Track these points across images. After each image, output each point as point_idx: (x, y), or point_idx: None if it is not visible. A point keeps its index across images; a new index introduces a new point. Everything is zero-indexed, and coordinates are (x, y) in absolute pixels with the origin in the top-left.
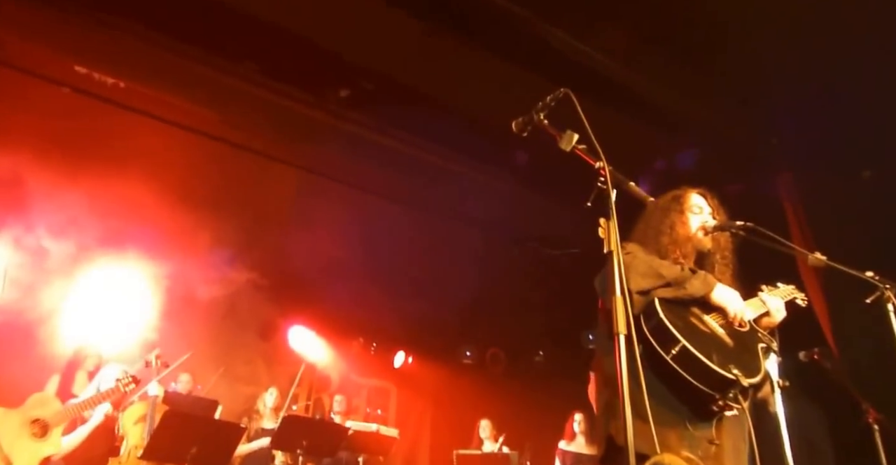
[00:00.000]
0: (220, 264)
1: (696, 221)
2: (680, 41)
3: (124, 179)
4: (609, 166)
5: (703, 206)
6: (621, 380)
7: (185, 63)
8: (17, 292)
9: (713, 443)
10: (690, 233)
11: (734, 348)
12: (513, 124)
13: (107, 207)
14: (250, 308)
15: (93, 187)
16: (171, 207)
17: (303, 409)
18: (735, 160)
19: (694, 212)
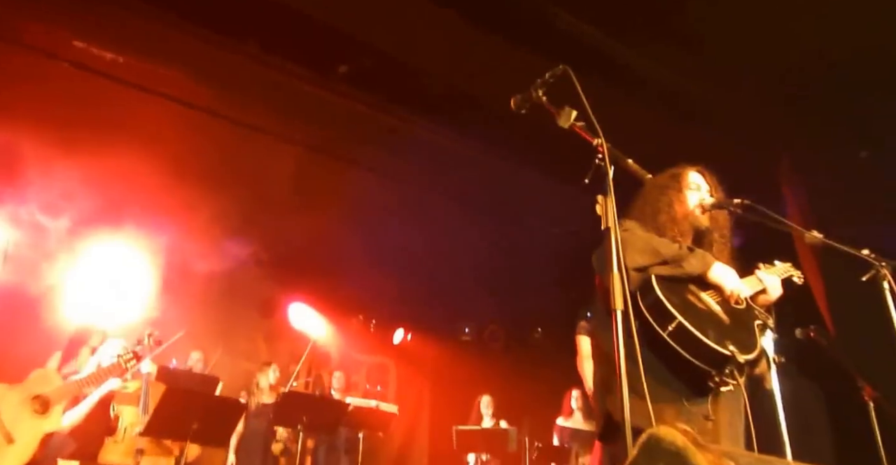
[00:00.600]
0: (219, 241)
1: (693, 198)
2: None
3: (124, 154)
4: (607, 143)
5: (701, 183)
6: (618, 356)
7: (184, 38)
8: (17, 268)
9: (709, 419)
10: (688, 211)
11: (730, 325)
12: (511, 101)
13: (106, 183)
14: (250, 285)
15: (91, 163)
16: (170, 183)
17: (303, 386)
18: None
19: (692, 189)
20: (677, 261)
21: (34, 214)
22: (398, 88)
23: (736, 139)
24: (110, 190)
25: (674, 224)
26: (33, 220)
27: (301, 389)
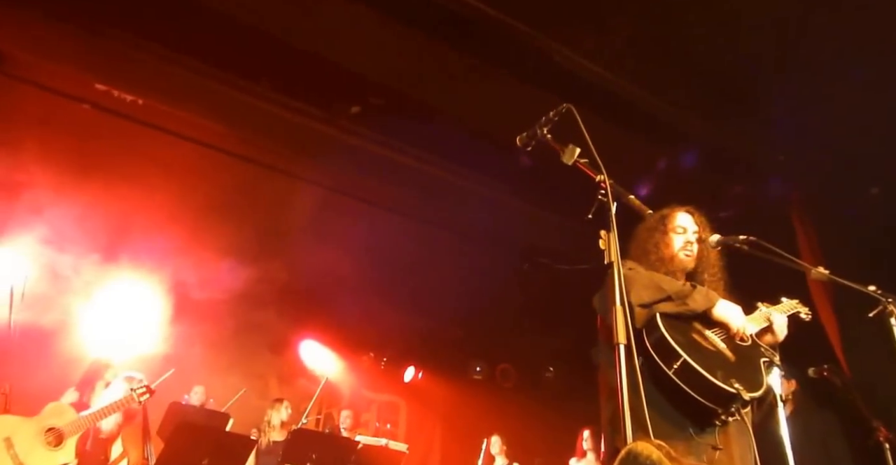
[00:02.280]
0: (231, 278)
1: (678, 241)
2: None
3: (140, 193)
4: (609, 180)
5: (689, 225)
6: (621, 389)
7: (201, 80)
8: (33, 303)
9: (717, 448)
10: (673, 253)
11: (736, 362)
12: (517, 139)
13: (122, 221)
14: (262, 322)
15: (109, 201)
16: (185, 220)
17: (313, 423)
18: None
19: (677, 232)
20: (681, 297)
21: (52, 251)
22: (408, 127)
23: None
24: (126, 228)
25: (662, 264)
26: (51, 257)
27: (311, 426)
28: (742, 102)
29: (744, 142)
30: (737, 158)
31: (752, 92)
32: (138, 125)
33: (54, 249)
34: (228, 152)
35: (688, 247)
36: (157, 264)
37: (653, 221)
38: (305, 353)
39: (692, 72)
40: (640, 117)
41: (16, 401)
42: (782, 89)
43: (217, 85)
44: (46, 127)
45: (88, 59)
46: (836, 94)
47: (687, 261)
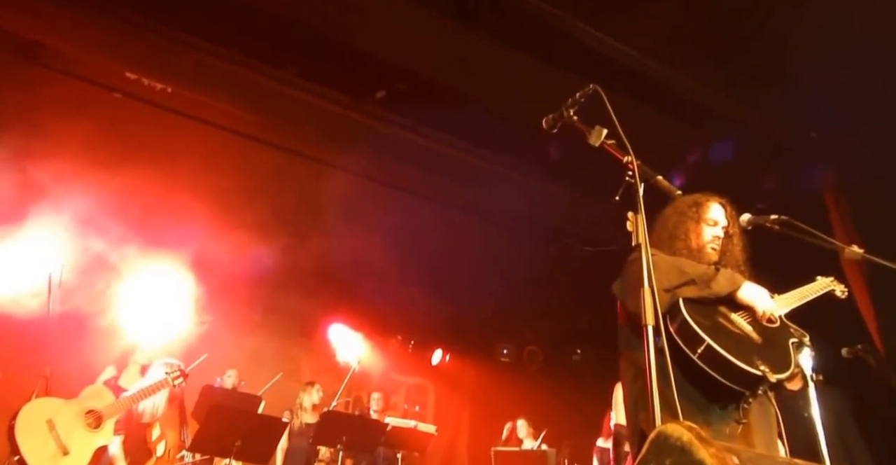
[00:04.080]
0: (261, 264)
1: (708, 234)
2: (714, 35)
3: (171, 179)
4: (637, 161)
5: (720, 219)
6: (649, 370)
7: (227, 68)
8: (70, 290)
9: (741, 423)
10: (702, 244)
11: (762, 344)
12: (543, 122)
13: (155, 208)
14: (291, 307)
15: (142, 189)
16: (215, 206)
17: (343, 406)
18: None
19: (709, 224)
20: (705, 281)
21: (87, 238)
22: (434, 112)
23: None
24: (158, 214)
25: (689, 253)
26: (86, 243)
27: (341, 409)
28: (774, 81)
29: (776, 121)
30: (769, 137)
31: (784, 71)
32: (168, 113)
33: (89, 235)
34: (256, 139)
35: (716, 241)
36: (188, 249)
37: (684, 206)
38: (335, 336)
39: (723, 51)
40: (668, 97)
41: (55, 384)
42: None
43: (244, 72)
44: (80, 115)
45: (119, 48)
46: (871, 72)
47: (712, 255)
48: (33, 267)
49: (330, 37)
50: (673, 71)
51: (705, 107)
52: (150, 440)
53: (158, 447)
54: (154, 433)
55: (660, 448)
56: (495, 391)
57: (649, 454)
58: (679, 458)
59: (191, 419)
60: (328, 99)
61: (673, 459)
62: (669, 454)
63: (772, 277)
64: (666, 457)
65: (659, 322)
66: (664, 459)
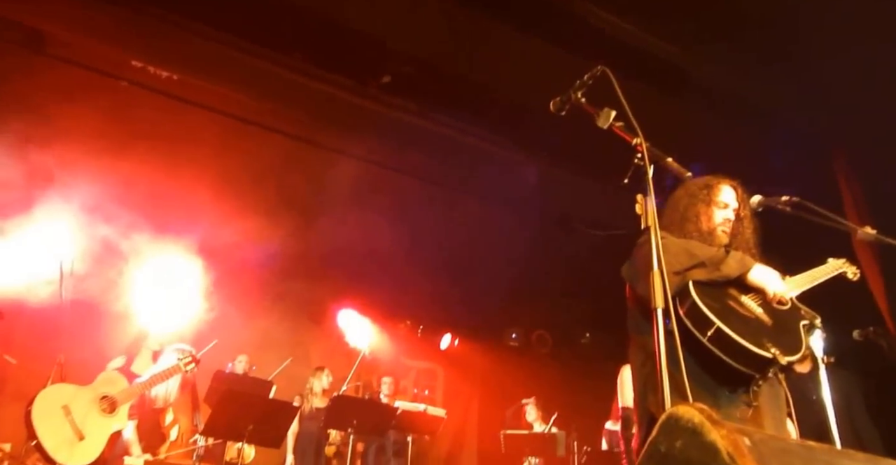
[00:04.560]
0: (270, 250)
1: (719, 216)
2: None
3: (178, 167)
4: (646, 143)
5: (731, 201)
6: (659, 353)
7: (233, 54)
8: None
9: (750, 406)
10: (713, 227)
11: (773, 327)
12: (551, 104)
13: (163, 195)
14: (300, 292)
15: (149, 176)
16: (222, 193)
17: (353, 390)
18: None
19: (720, 206)
20: (715, 263)
21: (95, 226)
22: (439, 95)
23: (788, 135)
24: (165, 201)
25: (699, 235)
26: (94, 231)
27: (351, 393)
28: (784, 59)
29: (788, 102)
30: (779, 116)
31: (794, 48)
32: (174, 100)
33: (99, 223)
34: (262, 125)
35: (727, 224)
36: (197, 236)
37: (694, 189)
38: (344, 322)
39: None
40: (676, 77)
41: (70, 371)
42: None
43: (249, 58)
44: (87, 104)
45: (124, 36)
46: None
47: (723, 237)
48: (45, 255)
49: (334, 21)
50: (681, 52)
51: (714, 88)
52: (164, 424)
53: (172, 431)
54: (167, 418)
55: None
56: (504, 375)
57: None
58: (690, 439)
59: (203, 404)
60: (333, 84)
61: (684, 440)
62: (680, 436)
63: (783, 259)
64: (677, 439)
65: (668, 305)
66: (675, 440)
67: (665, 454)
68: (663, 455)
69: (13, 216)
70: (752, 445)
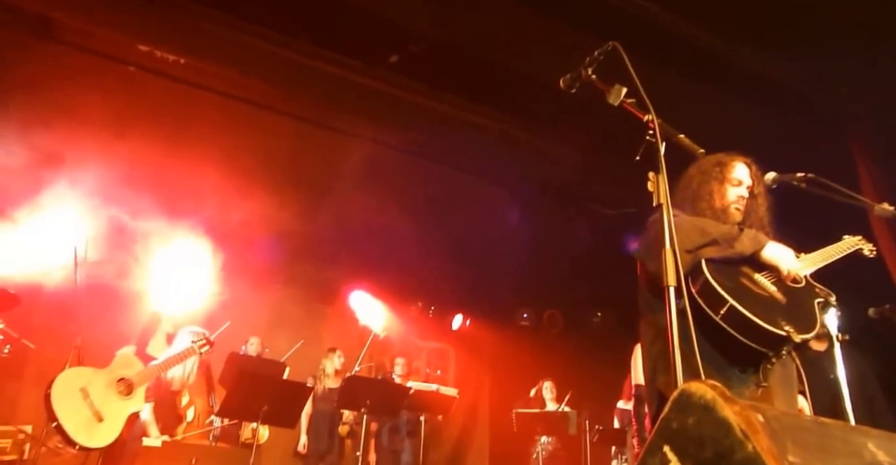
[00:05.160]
0: (281, 232)
1: (732, 194)
2: None
3: (188, 150)
4: (658, 119)
5: (745, 178)
6: (671, 331)
7: (239, 37)
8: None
9: (760, 386)
10: (726, 205)
11: (787, 304)
12: (561, 81)
13: (172, 178)
14: (312, 274)
15: (158, 159)
16: (232, 176)
17: (365, 371)
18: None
19: (733, 184)
20: (728, 241)
21: (107, 211)
22: (448, 75)
23: (802, 110)
24: (177, 185)
25: (713, 213)
26: (106, 216)
27: (364, 374)
28: (797, 33)
29: (804, 76)
30: (796, 93)
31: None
32: (181, 84)
33: (108, 208)
34: (271, 108)
35: (740, 201)
36: (207, 219)
37: (707, 166)
38: (356, 303)
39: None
40: (689, 53)
41: (86, 354)
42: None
43: (254, 41)
44: (94, 90)
45: (131, 20)
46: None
47: (736, 215)
48: (58, 240)
49: (339, 2)
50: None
51: (728, 63)
52: (180, 406)
53: (188, 412)
54: (183, 400)
55: (683, 406)
56: (515, 355)
57: (672, 412)
58: (702, 416)
59: (218, 386)
60: (341, 65)
61: (696, 417)
62: (692, 413)
63: (797, 236)
64: (689, 415)
65: (681, 283)
66: (687, 417)
67: (677, 430)
68: (675, 432)
69: (25, 202)
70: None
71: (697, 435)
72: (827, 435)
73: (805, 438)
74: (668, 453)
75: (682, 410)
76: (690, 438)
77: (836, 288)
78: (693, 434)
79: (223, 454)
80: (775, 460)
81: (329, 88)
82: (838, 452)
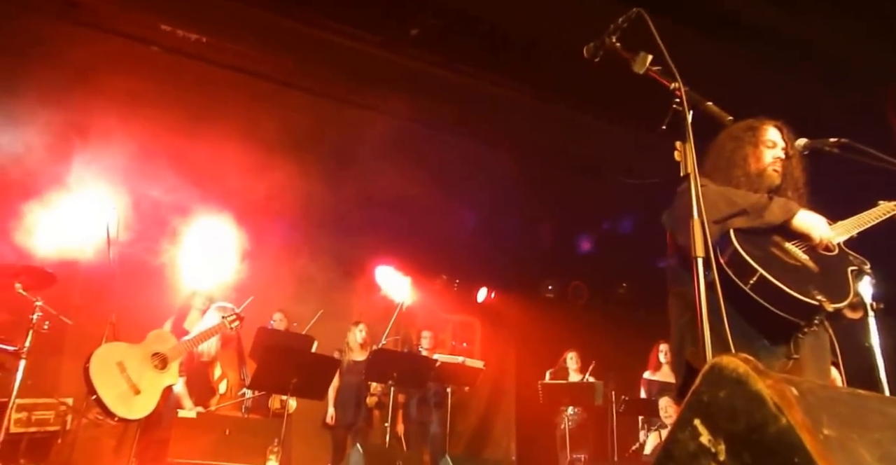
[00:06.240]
0: (306, 207)
1: (769, 155)
2: None
3: (211, 129)
4: (685, 87)
5: (778, 140)
6: (699, 302)
7: (260, 14)
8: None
9: (791, 357)
10: (763, 167)
11: (819, 273)
12: (584, 50)
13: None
14: (337, 248)
15: (182, 140)
16: (255, 153)
17: (392, 344)
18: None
19: (768, 146)
20: (757, 210)
21: (132, 189)
22: (468, 46)
23: (835, 74)
24: (200, 161)
25: (748, 179)
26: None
27: (391, 346)
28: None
29: (836, 37)
30: (828, 54)
31: None
32: (203, 63)
33: (136, 186)
34: (293, 85)
35: (777, 163)
36: (231, 194)
37: (738, 132)
38: (380, 277)
39: None
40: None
41: (121, 329)
42: None
43: (274, 17)
44: (119, 70)
45: (153, 1)
46: None
47: (775, 177)
48: (90, 219)
49: None
50: None
51: (757, 26)
52: (213, 379)
53: (221, 385)
54: (216, 373)
55: (714, 380)
56: (541, 327)
57: (702, 385)
58: (734, 389)
59: (249, 359)
60: (361, 40)
61: (728, 391)
62: (724, 386)
63: (830, 203)
64: (720, 389)
65: (709, 254)
66: (718, 391)
67: (708, 403)
68: (706, 405)
69: (56, 182)
70: (799, 394)
71: (729, 409)
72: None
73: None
74: (699, 426)
75: (713, 383)
76: (722, 411)
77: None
78: (725, 408)
79: (255, 426)
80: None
81: (351, 62)
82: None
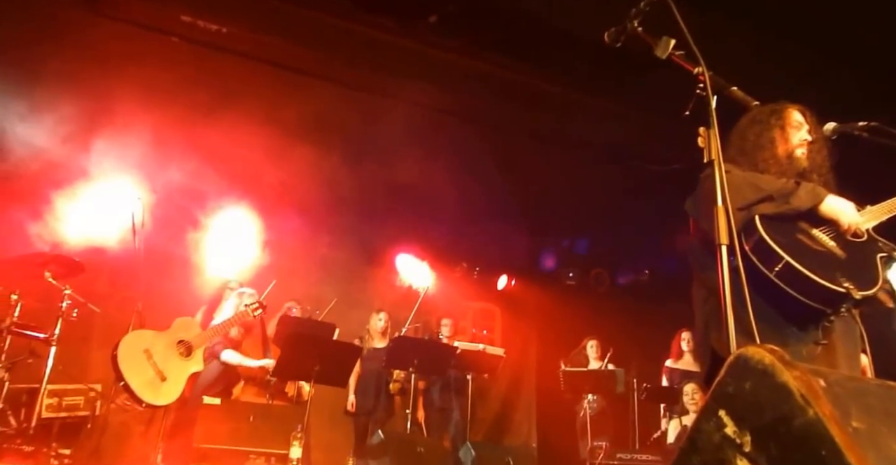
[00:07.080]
0: (327, 195)
1: (796, 138)
2: None
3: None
4: (709, 71)
5: (803, 122)
6: (723, 290)
7: (278, 4)
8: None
9: (819, 344)
10: (791, 149)
11: (847, 260)
12: (605, 35)
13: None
14: (357, 236)
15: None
16: (277, 143)
17: (412, 331)
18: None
19: (794, 127)
20: (784, 196)
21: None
22: (488, 32)
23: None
24: (221, 151)
25: (776, 162)
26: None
27: (411, 334)
28: None
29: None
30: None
31: None
32: (224, 53)
33: (159, 175)
34: (312, 74)
35: (805, 145)
36: (252, 183)
37: (763, 116)
38: (401, 265)
39: None
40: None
41: (147, 317)
42: None
43: (293, 6)
44: (141, 61)
45: None
46: None
47: (802, 160)
48: (116, 208)
49: None
50: None
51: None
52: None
53: None
54: None
55: (739, 371)
56: (561, 314)
57: (727, 376)
58: (760, 381)
59: (273, 346)
60: (380, 28)
61: (753, 382)
62: (749, 377)
63: (858, 189)
64: (746, 380)
65: (734, 242)
66: (744, 382)
67: (733, 395)
68: (731, 396)
69: (82, 172)
70: (826, 386)
71: (755, 400)
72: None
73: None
74: (724, 417)
75: (738, 374)
76: (747, 403)
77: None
78: (750, 399)
79: (279, 412)
80: (838, 425)
81: (370, 50)
82: None
